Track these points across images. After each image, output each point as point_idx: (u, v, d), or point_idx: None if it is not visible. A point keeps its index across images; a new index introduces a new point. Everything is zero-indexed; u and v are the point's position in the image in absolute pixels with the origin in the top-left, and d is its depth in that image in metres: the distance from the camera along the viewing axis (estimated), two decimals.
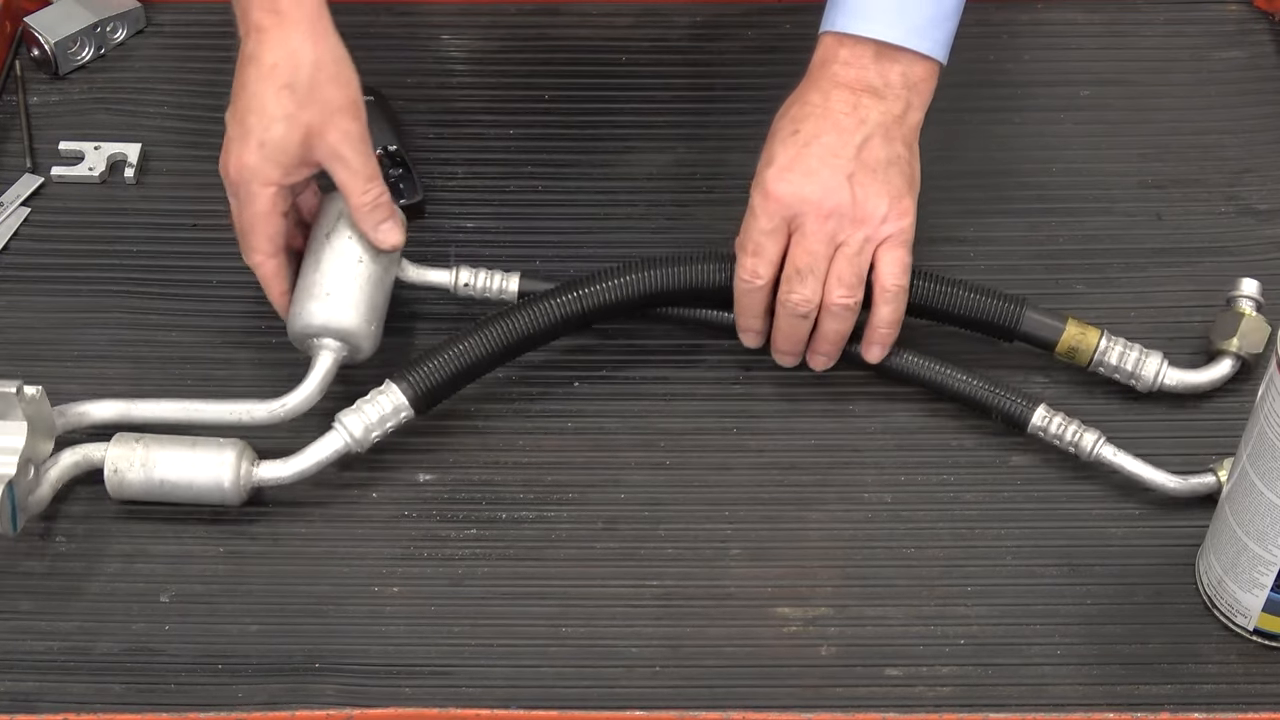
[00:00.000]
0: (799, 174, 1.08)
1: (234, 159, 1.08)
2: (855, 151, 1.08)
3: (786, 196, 1.08)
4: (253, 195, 1.08)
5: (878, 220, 1.08)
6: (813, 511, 1.09)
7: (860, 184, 1.08)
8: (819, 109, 1.09)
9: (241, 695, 1.00)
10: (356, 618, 1.04)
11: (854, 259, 1.09)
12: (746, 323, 1.13)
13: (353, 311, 1.09)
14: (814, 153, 1.08)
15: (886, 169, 1.09)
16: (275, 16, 1.06)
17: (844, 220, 1.08)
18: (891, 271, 1.09)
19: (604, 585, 1.06)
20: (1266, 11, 1.37)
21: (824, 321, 1.10)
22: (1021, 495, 1.10)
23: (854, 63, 1.09)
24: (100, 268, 1.21)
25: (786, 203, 1.08)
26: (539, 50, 1.35)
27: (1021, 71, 1.34)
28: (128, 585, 1.06)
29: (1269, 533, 0.98)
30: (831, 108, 1.09)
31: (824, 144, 1.08)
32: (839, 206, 1.08)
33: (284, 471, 1.07)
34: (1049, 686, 1.01)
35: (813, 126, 1.09)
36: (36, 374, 1.14)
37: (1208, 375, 1.13)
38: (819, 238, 1.08)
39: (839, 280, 1.09)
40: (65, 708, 1.00)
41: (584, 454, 1.12)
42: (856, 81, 1.09)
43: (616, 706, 1.00)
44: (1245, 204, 1.25)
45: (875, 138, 1.09)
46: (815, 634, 1.04)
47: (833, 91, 1.09)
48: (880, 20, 1.09)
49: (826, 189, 1.08)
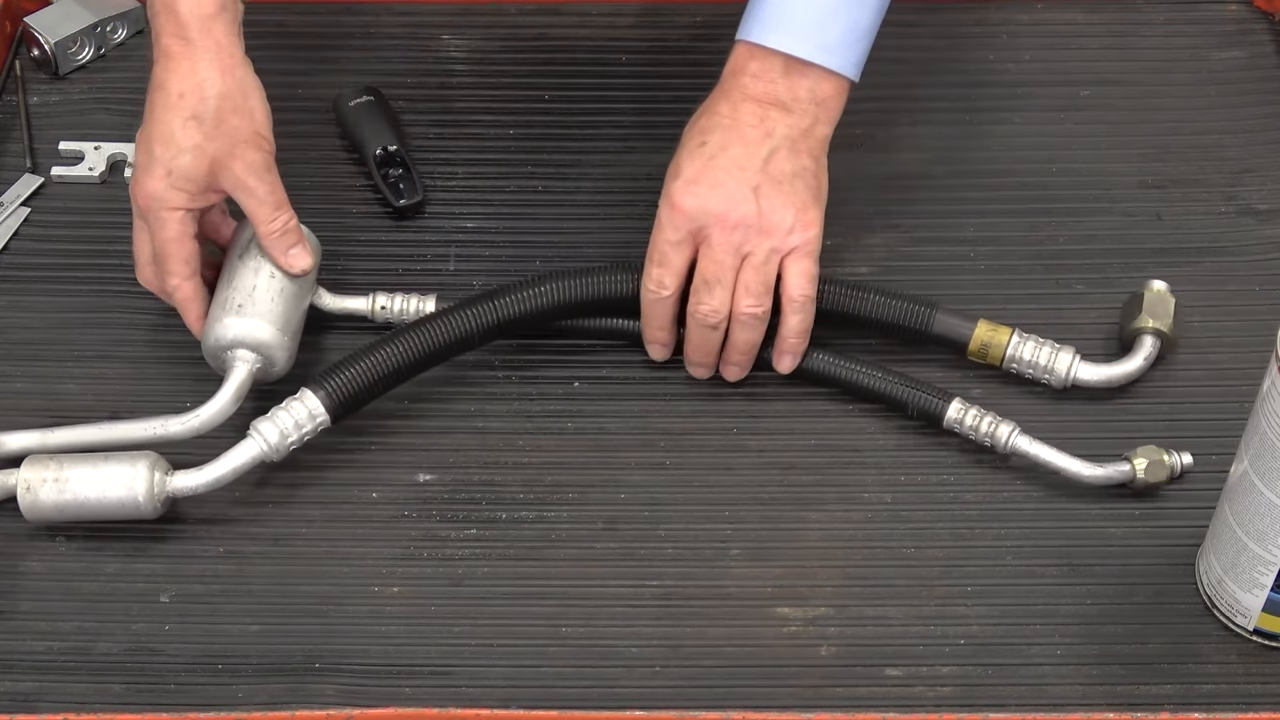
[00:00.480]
0: (705, 186, 1.09)
1: (142, 186, 1.09)
2: (761, 164, 1.09)
3: (692, 208, 1.09)
4: (162, 221, 1.09)
5: (784, 231, 1.09)
6: (812, 511, 1.09)
7: (766, 196, 1.09)
8: (727, 120, 1.10)
9: (241, 695, 1.00)
10: (356, 618, 1.04)
11: (760, 269, 1.09)
12: (653, 334, 1.13)
13: (266, 323, 1.10)
14: (720, 165, 1.09)
15: (792, 181, 1.10)
16: (184, 44, 1.08)
17: (750, 231, 1.09)
18: (798, 282, 1.10)
19: (604, 585, 1.06)
20: (1266, 11, 1.37)
21: (734, 331, 1.11)
22: (1021, 495, 1.10)
23: (763, 76, 1.10)
24: (100, 268, 1.21)
25: (692, 215, 1.09)
26: (539, 50, 1.35)
27: (1021, 71, 1.34)
28: (128, 585, 1.06)
29: (1269, 533, 0.98)
30: (740, 120, 1.10)
31: (730, 156, 1.09)
32: (745, 218, 1.09)
33: (198, 480, 1.06)
34: (1049, 686, 1.01)
35: (720, 138, 1.10)
36: (36, 374, 1.15)
37: (1124, 367, 1.13)
38: (725, 249, 1.09)
39: (746, 290, 1.10)
40: (65, 708, 1.00)
41: (584, 454, 1.12)
42: (765, 95, 1.10)
43: (616, 706, 1.00)
44: (1245, 204, 1.25)
45: (782, 150, 1.10)
46: (815, 634, 1.04)
47: (741, 104, 1.10)
48: (792, 34, 1.09)
49: (732, 201, 1.09)
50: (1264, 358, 0.96)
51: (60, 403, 1.13)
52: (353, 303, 1.16)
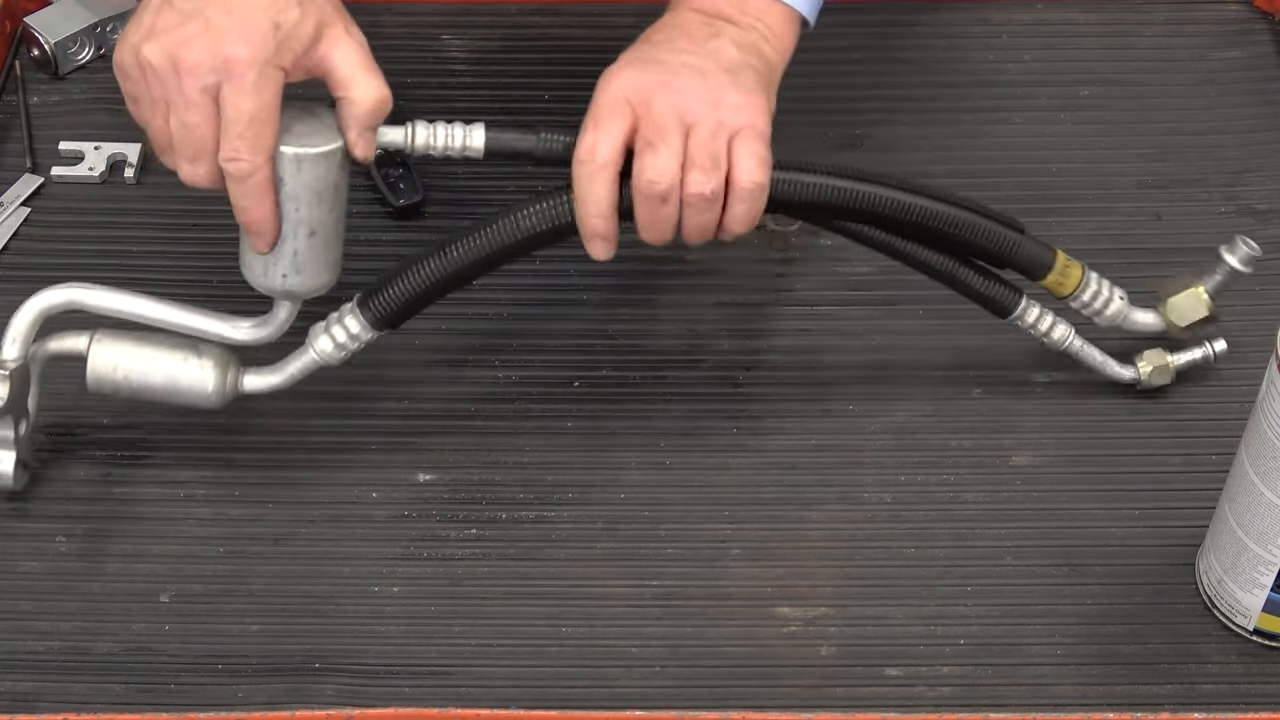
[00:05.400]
0: (646, 62, 1.02)
1: (234, 39, 0.95)
2: (708, 52, 1.03)
3: (630, 79, 1.01)
4: (266, 80, 0.96)
5: (731, 106, 1.01)
6: (813, 511, 1.09)
7: (711, 75, 1.01)
8: (669, 27, 1.05)
9: (241, 695, 1.00)
10: (356, 618, 1.04)
11: (707, 142, 1.00)
12: (591, 223, 1.02)
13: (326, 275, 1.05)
14: (662, 52, 1.03)
15: (740, 70, 1.02)
16: None
17: (694, 99, 1.00)
18: (748, 165, 1.01)
19: (604, 585, 1.06)
20: (1266, 11, 1.37)
21: (686, 218, 1.02)
22: (1021, 495, 1.10)
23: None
24: (100, 268, 1.21)
25: (631, 84, 1.01)
26: (539, 50, 1.35)
27: (1021, 71, 1.34)
28: (128, 585, 1.06)
29: (1269, 533, 0.98)
30: (684, 24, 1.05)
31: (674, 45, 1.03)
32: (689, 87, 1.01)
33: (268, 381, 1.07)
34: (1049, 686, 1.01)
35: (663, 35, 1.05)
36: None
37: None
38: (668, 112, 1.00)
39: (692, 163, 1.00)
40: (65, 708, 1.00)
41: (584, 454, 1.12)
42: (709, 6, 1.05)
43: (616, 706, 1.00)
44: (1245, 204, 1.25)
45: (728, 45, 1.03)
46: (815, 634, 1.04)
47: (684, 13, 1.06)
48: None
49: (674, 72, 1.01)
50: (1264, 358, 0.96)
51: (60, 401, 1.13)
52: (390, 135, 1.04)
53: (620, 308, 1.19)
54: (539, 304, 1.17)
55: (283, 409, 1.13)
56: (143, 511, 1.09)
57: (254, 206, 1.00)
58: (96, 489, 1.10)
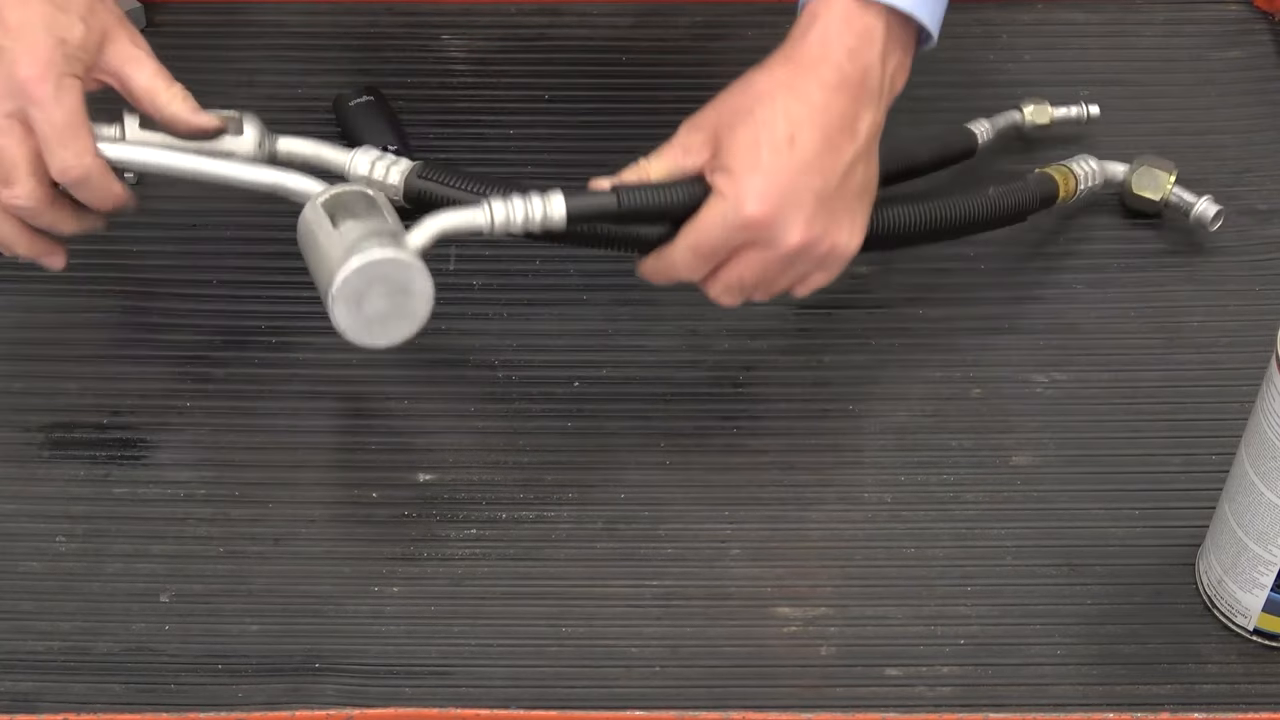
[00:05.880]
0: (788, 202, 1.01)
1: (29, 62, 0.99)
2: (842, 177, 1.02)
3: (763, 218, 1.01)
4: (65, 90, 1.00)
5: (828, 252, 1.04)
6: (813, 511, 1.09)
7: (835, 217, 1.03)
8: (818, 114, 1.01)
9: (241, 695, 1.00)
10: (356, 618, 1.04)
11: (792, 280, 1.05)
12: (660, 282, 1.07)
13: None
14: (805, 176, 1.01)
15: (860, 196, 1.05)
16: None
17: (804, 258, 1.04)
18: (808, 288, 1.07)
19: (604, 585, 1.06)
20: (1266, 11, 1.37)
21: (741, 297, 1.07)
22: (1021, 495, 1.10)
23: (862, 54, 1.01)
24: (100, 268, 1.21)
25: (761, 224, 1.01)
26: (539, 50, 1.35)
27: (1021, 71, 1.34)
28: (128, 585, 1.06)
29: (1269, 533, 0.98)
30: (831, 114, 1.01)
31: (819, 167, 1.01)
32: (807, 245, 1.02)
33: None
34: (1049, 686, 1.01)
35: (808, 139, 1.01)
36: (36, 374, 1.15)
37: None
38: (775, 268, 1.04)
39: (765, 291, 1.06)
40: (65, 708, 1.00)
41: (584, 454, 1.12)
42: (859, 82, 1.01)
43: (616, 706, 1.00)
44: (1245, 204, 1.25)
45: (863, 158, 1.03)
46: (815, 634, 1.04)
47: (835, 95, 1.01)
48: None
49: (803, 224, 1.01)
50: (1264, 358, 0.96)
51: (60, 401, 1.13)
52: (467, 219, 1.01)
53: (620, 307, 1.19)
54: (539, 304, 1.17)
55: (283, 409, 1.14)
56: (143, 511, 1.09)
57: (105, 198, 1.05)
58: (96, 489, 1.10)
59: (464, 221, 1.00)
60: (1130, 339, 1.17)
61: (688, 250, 1.04)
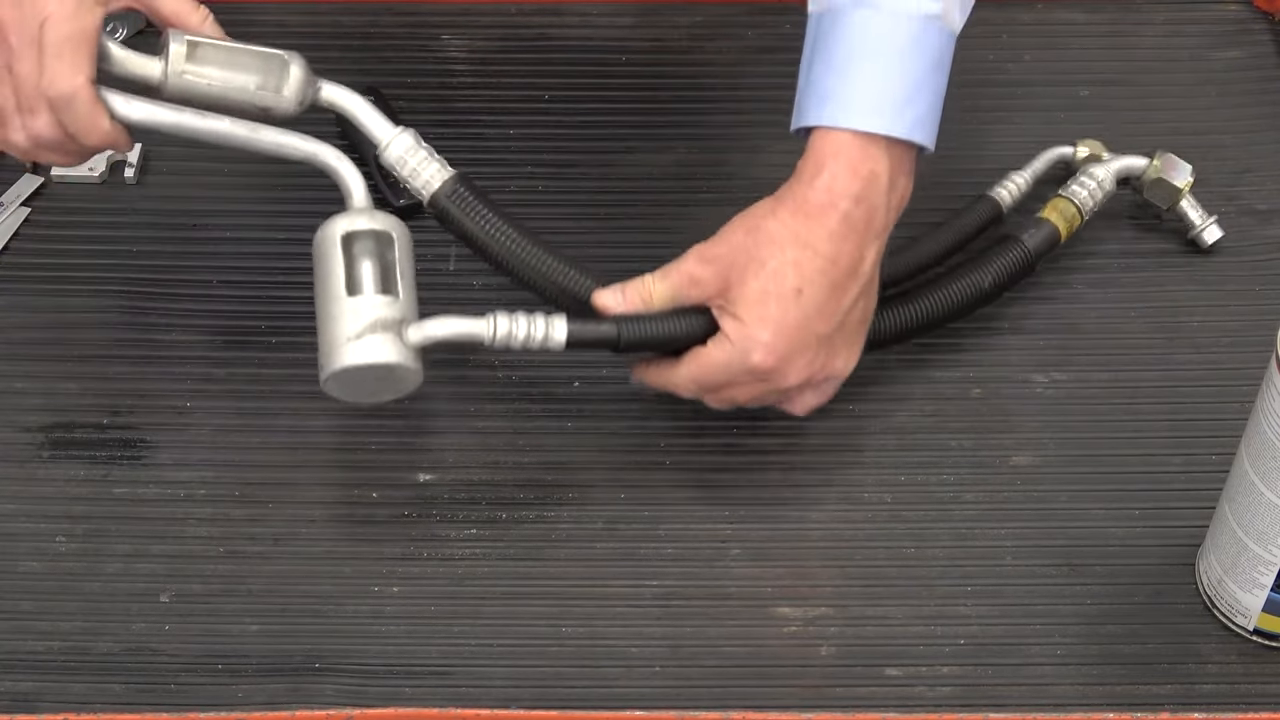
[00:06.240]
0: (793, 351, 1.03)
1: None
2: (844, 314, 1.04)
3: (769, 367, 1.04)
4: (83, 10, 1.00)
5: (824, 376, 1.06)
6: (813, 511, 1.09)
7: (835, 350, 1.05)
8: (828, 265, 1.02)
9: (241, 695, 1.00)
10: (357, 618, 1.04)
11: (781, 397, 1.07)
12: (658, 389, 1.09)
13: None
14: (810, 329, 1.03)
15: (859, 327, 1.07)
16: None
17: (802, 388, 1.07)
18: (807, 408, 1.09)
19: (604, 585, 1.06)
20: (1266, 11, 1.37)
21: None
22: (1021, 495, 1.10)
23: (868, 196, 1.02)
24: (100, 268, 1.21)
25: (770, 372, 1.04)
26: (539, 50, 1.35)
27: (1021, 71, 1.34)
28: (128, 585, 1.06)
29: (1269, 533, 0.98)
30: (840, 264, 1.02)
31: (825, 315, 1.03)
32: (811, 377, 1.05)
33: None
34: (1049, 686, 1.01)
35: (815, 292, 1.02)
36: (36, 374, 1.15)
37: None
38: (772, 397, 1.07)
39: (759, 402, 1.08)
40: (65, 708, 1.00)
41: (584, 454, 1.12)
42: (866, 223, 1.03)
43: (616, 706, 1.00)
44: (1245, 204, 1.25)
45: (866, 293, 1.05)
46: (815, 634, 1.04)
47: (844, 244, 1.02)
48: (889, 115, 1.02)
49: (809, 365, 1.04)
50: (1264, 358, 0.96)
51: (60, 401, 1.13)
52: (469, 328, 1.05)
53: None
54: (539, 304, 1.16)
55: (283, 409, 1.13)
56: (143, 511, 1.09)
57: (92, 125, 1.02)
58: (96, 489, 1.10)
59: (467, 331, 1.04)
60: (1130, 339, 1.17)
61: (690, 380, 1.06)
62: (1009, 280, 1.16)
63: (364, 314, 1.01)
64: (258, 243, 1.22)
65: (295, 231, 1.19)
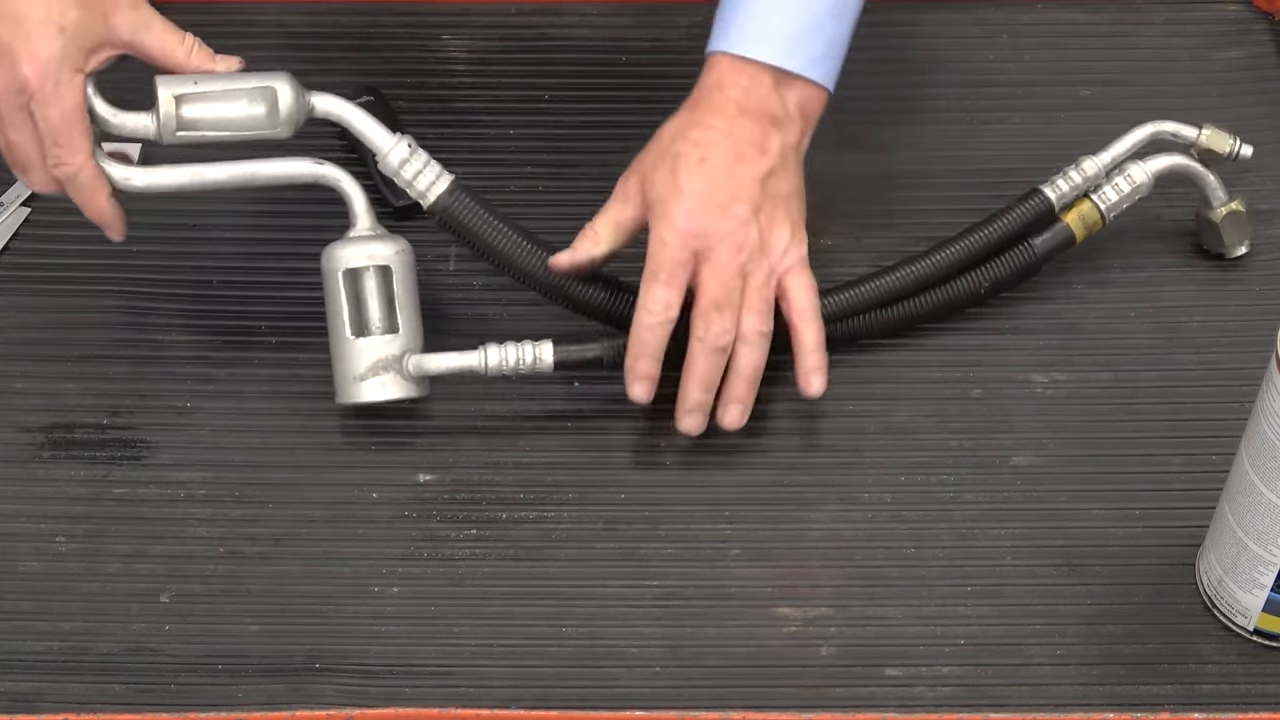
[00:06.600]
0: (713, 206, 1.07)
1: (32, 56, 1.02)
2: (761, 184, 1.08)
3: (698, 228, 1.07)
4: (65, 87, 1.03)
5: (781, 251, 1.09)
6: (813, 512, 1.09)
7: (766, 216, 1.08)
8: (724, 136, 1.09)
9: (241, 696, 1.00)
10: (357, 618, 1.04)
11: (762, 289, 1.08)
12: (641, 367, 1.09)
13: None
14: (724, 185, 1.08)
15: (788, 201, 1.10)
16: None
17: (753, 252, 1.08)
18: (802, 295, 1.10)
19: (604, 585, 1.06)
20: (1266, 11, 1.37)
21: (740, 354, 1.09)
22: (1021, 495, 1.10)
23: (755, 90, 1.09)
24: (100, 268, 1.21)
25: (698, 233, 1.07)
26: (539, 50, 1.35)
27: (1021, 71, 1.34)
28: (128, 585, 1.06)
29: (1269, 533, 0.98)
30: (737, 136, 1.09)
31: (734, 176, 1.08)
32: (749, 240, 1.08)
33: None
34: (1049, 687, 1.01)
35: (719, 156, 1.08)
36: (36, 374, 1.15)
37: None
38: (731, 269, 1.08)
39: (750, 309, 1.08)
40: (65, 708, 1.00)
41: (584, 454, 1.12)
42: (759, 109, 1.09)
43: (617, 706, 1.00)
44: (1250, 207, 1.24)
45: (778, 169, 1.09)
46: (815, 634, 1.04)
47: (737, 120, 1.09)
48: (777, 47, 1.09)
49: (738, 222, 1.07)
50: (1264, 358, 0.96)
51: (60, 403, 1.13)
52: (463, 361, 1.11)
53: None
54: (538, 304, 1.16)
55: (283, 409, 1.14)
56: (143, 512, 1.09)
57: (90, 202, 1.08)
58: (96, 489, 1.10)
59: (461, 364, 1.10)
60: (1130, 339, 1.17)
61: (650, 282, 1.08)
62: (1010, 280, 1.16)
63: (367, 355, 1.09)
64: (258, 243, 1.22)
65: (295, 232, 1.20)
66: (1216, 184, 1.20)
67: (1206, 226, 1.21)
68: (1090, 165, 1.18)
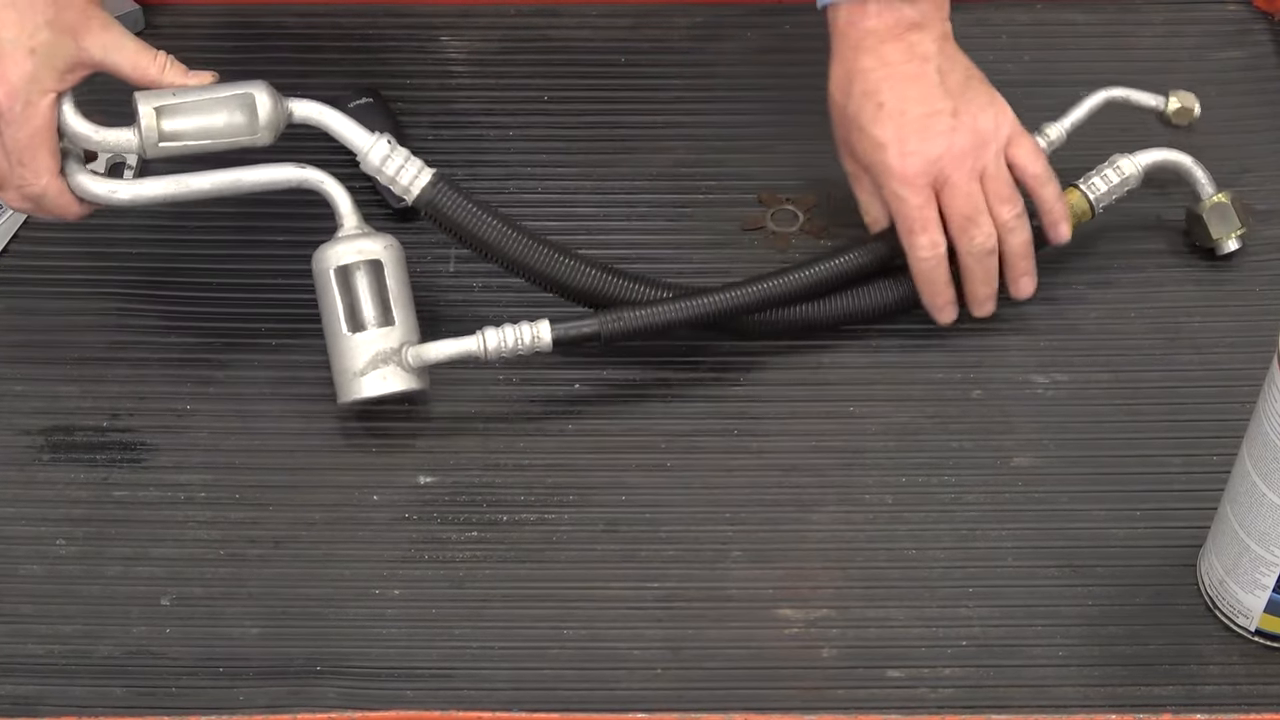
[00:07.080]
0: (917, 139, 1.11)
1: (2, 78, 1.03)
2: (940, 89, 1.12)
3: (920, 167, 1.11)
4: (32, 109, 1.05)
5: (993, 129, 1.13)
6: (813, 513, 1.09)
7: (964, 113, 1.12)
8: (880, 70, 1.12)
9: (242, 698, 1.00)
10: (357, 620, 1.04)
11: (998, 175, 1.13)
12: (939, 299, 1.15)
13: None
14: (913, 115, 1.12)
15: (968, 84, 1.14)
16: None
17: (975, 151, 1.12)
18: (1030, 160, 1.14)
19: (605, 587, 1.06)
20: (1266, 11, 1.37)
21: (1007, 241, 1.14)
22: (1022, 496, 1.10)
23: (882, 13, 1.11)
24: (99, 269, 1.21)
25: (923, 171, 1.12)
26: (539, 51, 1.35)
27: (1021, 71, 1.34)
28: (128, 588, 1.06)
29: (1271, 534, 0.98)
30: (891, 63, 1.12)
31: (913, 100, 1.12)
32: (965, 145, 1.12)
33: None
34: (1050, 688, 1.01)
35: (890, 91, 1.12)
36: (36, 376, 1.15)
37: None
38: (967, 180, 1.12)
39: (999, 199, 1.13)
40: (66, 711, 1.00)
41: (585, 456, 1.12)
42: (895, 26, 1.11)
43: (618, 708, 1.00)
44: (1245, 204, 1.24)
45: (944, 65, 1.13)
46: (816, 635, 1.04)
47: (882, 48, 1.12)
48: None
49: (945, 136, 1.12)
50: (1264, 358, 0.96)
51: (60, 404, 1.13)
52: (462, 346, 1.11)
53: None
54: (539, 304, 1.16)
55: (283, 411, 1.13)
56: (143, 514, 1.09)
57: (66, 212, 1.09)
58: (96, 491, 1.10)
59: (461, 349, 1.10)
60: (1131, 340, 1.17)
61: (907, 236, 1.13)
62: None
63: (365, 349, 1.08)
64: (258, 244, 1.22)
65: (295, 233, 1.19)
66: (1204, 178, 1.20)
67: (1194, 220, 1.21)
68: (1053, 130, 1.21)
